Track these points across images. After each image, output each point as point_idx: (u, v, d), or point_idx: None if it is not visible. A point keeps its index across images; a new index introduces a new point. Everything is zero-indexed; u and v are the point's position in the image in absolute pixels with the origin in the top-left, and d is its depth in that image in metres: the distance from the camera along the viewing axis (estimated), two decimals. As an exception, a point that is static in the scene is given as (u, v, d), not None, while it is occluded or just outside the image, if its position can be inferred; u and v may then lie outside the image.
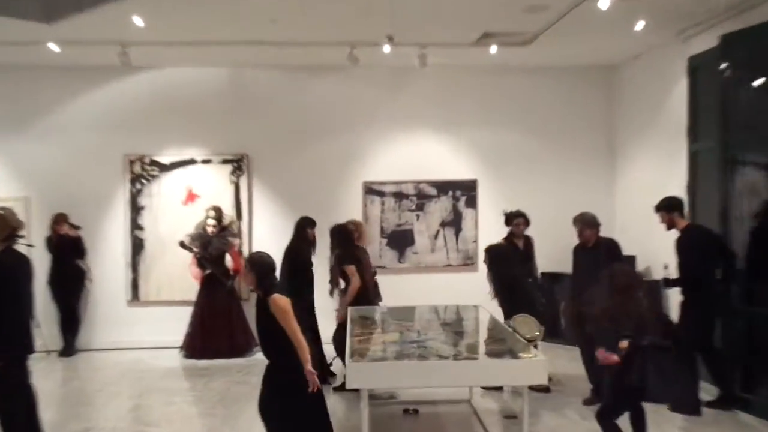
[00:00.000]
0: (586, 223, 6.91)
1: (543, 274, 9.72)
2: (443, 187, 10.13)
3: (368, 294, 7.45)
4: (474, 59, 9.48)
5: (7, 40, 8.27)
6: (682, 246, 6.69)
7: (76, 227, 9.53)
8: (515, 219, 7.96)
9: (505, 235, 8.01)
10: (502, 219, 8.02)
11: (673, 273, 6.79)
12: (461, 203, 10.15)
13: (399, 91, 10.15)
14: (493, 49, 8.69)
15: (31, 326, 5.45)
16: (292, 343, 4.53)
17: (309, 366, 4.49)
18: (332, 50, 8.76)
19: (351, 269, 7.32)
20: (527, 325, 4.99)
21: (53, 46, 8.35)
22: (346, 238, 7.53)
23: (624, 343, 4.94)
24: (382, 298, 7.89)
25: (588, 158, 10.21)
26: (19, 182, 9.82)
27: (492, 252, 7.49)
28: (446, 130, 10.15)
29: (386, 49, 8.21)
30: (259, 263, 4.79)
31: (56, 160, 9.84)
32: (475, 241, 10.08)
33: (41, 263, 8.61)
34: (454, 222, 10.15)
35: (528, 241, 8.05)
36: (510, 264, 7.39)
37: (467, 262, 10.09)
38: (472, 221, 10.14)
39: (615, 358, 5.03)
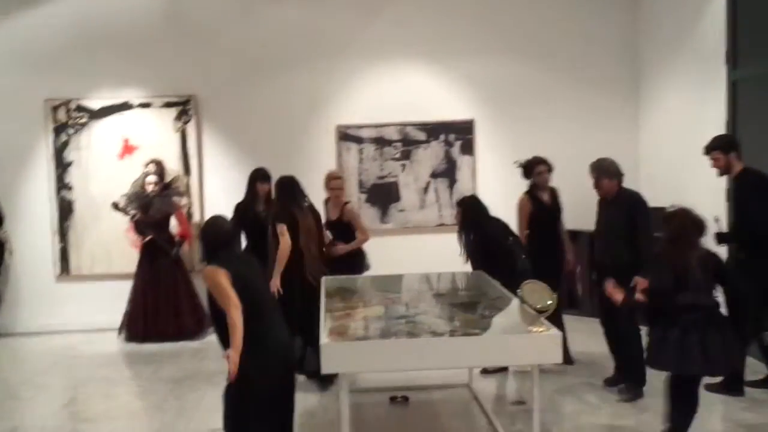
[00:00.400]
0: (603, 171, 6.81)
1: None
2: (434, 130, 10.06)
3: (302, 265, 7.05)
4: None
5: None
6: (740, 193, 6.62)
7: None
8: (537, 166, 7.66)
9: (517, 187, 7.89)
10: (518, 172, 7.84)
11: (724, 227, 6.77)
12: (455, 149, 10.09)
13: (377, 16, 10.00)
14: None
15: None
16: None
17: (229, 351, 4.47)
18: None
19: (281, 228, 7.02)
20: (537, 293, 4.94)
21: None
22: (284, 192, 7.28)
23: (641, 282, 5.03)
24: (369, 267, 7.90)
25: (606, 94, 10.13)
26: None
27: (465, 205, 7.47)
28: (436, 62, 10.03)
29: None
30: (208, 231, 4.80)
31: (-38, 106, 9.66)
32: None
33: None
34: (448, 172, 10.10)
35: (554, 193, 7.83)
36: (486, 219, 7.37)
37: (463, 220, 10.05)
38: (469, 170, 10.10)
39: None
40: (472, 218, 7.35)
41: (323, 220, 7.76)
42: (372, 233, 9.84)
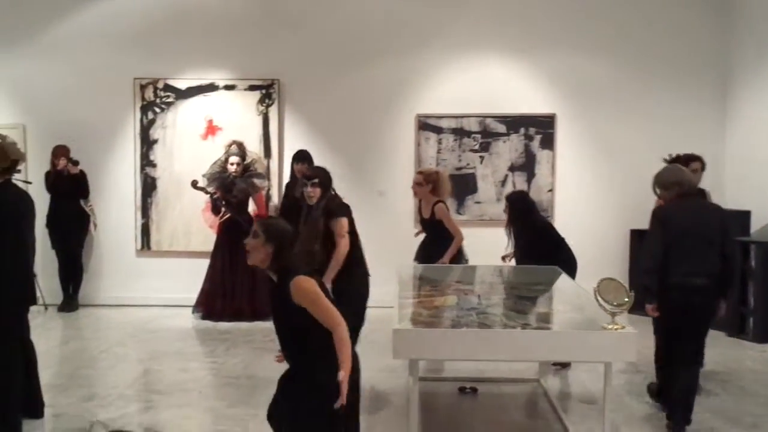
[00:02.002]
0: (660, 184, 6.24)
1: (632, 231, 9.61)
2: (514, 123, 9.97)
3: (360, 266, 6.27)
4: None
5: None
6: None
7: (75, 162, 9.65)
8: (691, 163, 6.94)
9: (597, 183, 7.76)
10: (599, 168, 7.67)
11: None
12: (535, 143, 10.00)
13: (462, 7, 9.95)
14: (581, -47, 8.45)
15: (32, 274, 5.63)
16: (325, 340, 3.91)
17: (344, 371, 3.82)
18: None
19: (341, 224, 6.09)
20: (614, 290, 4.87)
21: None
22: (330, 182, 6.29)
23: None
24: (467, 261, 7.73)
25: (693, 92, 9.92)
26: (13, 107, 10.00)
27: (514, 199, 7.50)
28: (519, 55, 9.95)
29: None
30: (280, 232, 4.09)
31: (56, 82, 9.97)
32: (551, 190, 9.95)
33: (39, 203, 8.80)
34: (526, 166, 10.01)
35: (703, 194, 6.90)
36: (536, 213, 7.50)
37: (543, 215, 9.94)
38: (548, 165, 9.99)
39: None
40: (522, 212, 7.34)
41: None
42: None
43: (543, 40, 9.91)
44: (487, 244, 9.59)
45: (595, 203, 9.84)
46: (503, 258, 7.72)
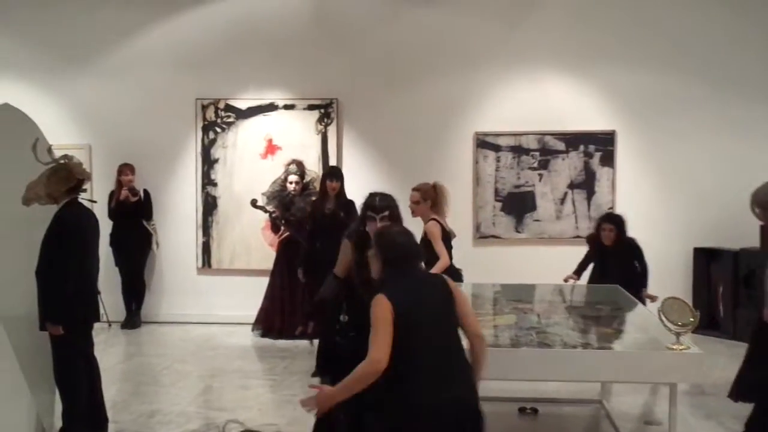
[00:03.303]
0: (759, 203, 5.99)
1: (696, 249, 9.44)
2: (573, 140, 9.87)
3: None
4: (616, -18, 9.15)
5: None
6: None
7: (135, 192, 9.83)
8: None
9: (659, 201, 7.61)
10: (662, 186, 7.51)
11: None
12: (595, 160, 9.88)
13: (520, 23, 9.91)
14: (641, -32, 8.37)
15: (97, 291, 5.77)
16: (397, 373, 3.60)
17: (324, 393, 3.70)
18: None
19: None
20: (679, 310, 4.78)
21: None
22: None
23: None
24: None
25: (757, 108, 9.68)
26: (79, 128, 10.23)
27: (619, 220, 7.59)
28: (578, 71, 9.86)
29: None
30: (391, 246, 3.87)
31: (120, 103, 10.17)
32: (611, 208, 9.79)
33: (103, 222, 8.97)
34: (586, 183, 9.89)
35: None
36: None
37: (600, 233, 9.82)
38: (609, 183, 9.86)
39: None
40: (624, 234, 7.35)
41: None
42: (506, 242, 9.84)
43: (602, 56, 9.81)
44: (547, 263, 9.54)
45: (658, 221, 9.65)
46: (566, 279, 7.64)
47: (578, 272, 7.74)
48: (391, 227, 4.24)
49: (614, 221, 7.60)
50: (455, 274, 6.92)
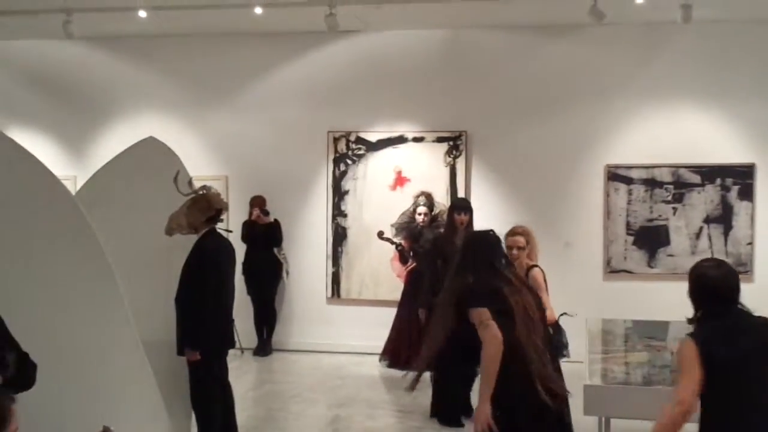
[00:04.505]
0: None
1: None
2: (709, 173, 9.58)
3: (527, 373, 4.28)
4: (754, 11, 8.92)
5: (210, 4, 8.94)
6: None
7: (266, 213, 10.10)
8: None
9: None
10: None
11: None
12: (733, 194, 9.54)
13: (654, 54, 9.73)
14: (782, -5, 8.11)
15: (232, 318, 5.98)
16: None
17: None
18: (569, 4, 8.60)
19: (479, 315, 4.35)
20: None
21: (258, 9, 8.89)
22: (478, 252, 4.70)
23: None
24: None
25: None
26: (218, 160, 10.62)
27: None
28: (714, 103, 9.58)
29: (639, 0, 7.90)
30: (702, 281, 3.68)
31: (256, 136, 10.52)
32: (751, 243, 9.44)
33: (237, 251, 9.29)
34: (723, 218, 9.56)
35: None
36: None
37: (739, 270, 9.34)
38: (747, 217, 9.50)
39: None
40: None
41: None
42: (638, 277, 9.61)
43: (738, 87, 9.50)
44: (680, 299, 9.22)
45: (801, 257, 9.25)
46: None
47: None
48: (706, 261, 3.85)
49: None
50: (558, 327, 6.36)
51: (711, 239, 9.57)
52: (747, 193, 9.50)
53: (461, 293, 4.46)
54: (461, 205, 7.91)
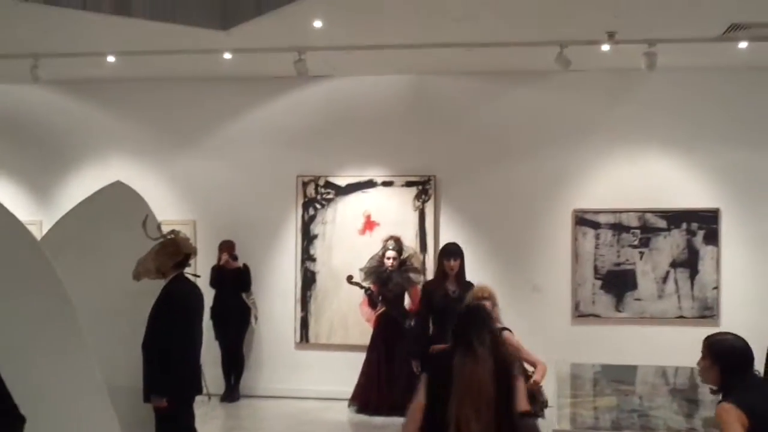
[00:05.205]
0: None
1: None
2: (675, 217, 9.71)
3: None
4: (717, 58, 9.08)
5: (179, 49, 8.97)
6: None
7: (235, 258, 10.09)
8: None
9: (753, 277, 7.44)
10: None
11: None
12: (698, 239, 9.67)
13: (619, 101, 9.90)
14: (743, 44, 8.29)
15: (200, 364, 5.92)
16: None
17: None
18: (536, 51, 8.72)
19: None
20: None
21: (227, 55, 8.95)
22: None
23: None
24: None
25: None
26: (185, 204, 10.58)
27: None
28: (680, 148, 9.74)
29: (605, 48, 8.05)
30: (729, 353, 3.84)
31: (224, 180, 10.51)
32: (716, 287, 9.55)
33: (205, 295, 9.24)
34: (689, 262, 9.67)
35: None
36: None
37: (705, 314, 9.56)
38: (713, 262, 9.62)
39: None
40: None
41: None
42: (606, 321, 9.67)
43: (705, 133, 9.67)
44: (648, 343, 9.33)
45: (765, 301, 9.36)
46: None
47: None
48: (725, 334, 4.03)
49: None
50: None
51: (677, 283, 9.66)
52: (712, 238, 9.63)
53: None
54: (451, 251, 7.58)
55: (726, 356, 3.80)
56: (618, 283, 9.77)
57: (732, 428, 3.58)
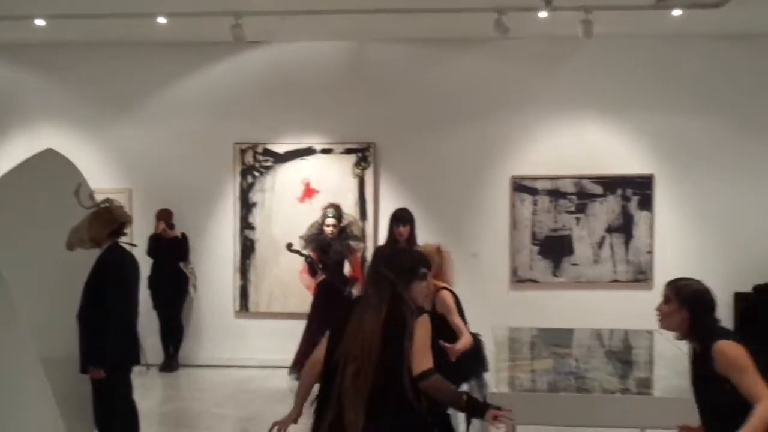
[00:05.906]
0: None
1: (736, 294, 9.32)
2: (610, 184, 9.87)
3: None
4: (651, 26, 9.20)
5: (112, 12, 8.75)
6: None
7: (171, 226, 10.00)
8: None
9: (699, 246, 7.55)
10: (702, 230, 7.46)
11: None
12: (633, 204, 9.85)
13: (556, 68, 9.98)
14: (677, 12, 8.41)
15: (137, 333, 5.84)
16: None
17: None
18: (475, 18, 8.71)
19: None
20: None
21: (161, 19, 8.76)
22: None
23: None
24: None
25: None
26: (120, 172, 10.38)
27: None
28: (615, 115, 9.88)
29: (542, 14, 8.08)
30: (697, 297, 3.67)
31: (160, 148, 10.33)
32: (650, 252, 9.75)
33: (143, 265, 9.11)
34: (624, 227, 9.86)
35: None
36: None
37: (639, 278, 9.77)
38: (647, 227, 9.81)
39: None
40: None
41: None
42: (543, 286, 9.81)
43: (639, 100, 9.82)
44: (584, 307, 9.50)
45: (697, 265, 9.53)
46: None
47: None
48: (688, 279, 3.80)
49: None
50: (478, 343, 5.88)
51: (613, 248, 9.85)
52: (646, 204, 9.81)
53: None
54: (401, 217, 7.44)
55: (695, 299, 3.64)
56: (555, 248, 9.91)
57: (753, 367, 3.45)
